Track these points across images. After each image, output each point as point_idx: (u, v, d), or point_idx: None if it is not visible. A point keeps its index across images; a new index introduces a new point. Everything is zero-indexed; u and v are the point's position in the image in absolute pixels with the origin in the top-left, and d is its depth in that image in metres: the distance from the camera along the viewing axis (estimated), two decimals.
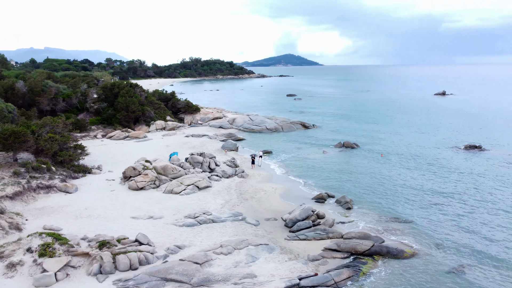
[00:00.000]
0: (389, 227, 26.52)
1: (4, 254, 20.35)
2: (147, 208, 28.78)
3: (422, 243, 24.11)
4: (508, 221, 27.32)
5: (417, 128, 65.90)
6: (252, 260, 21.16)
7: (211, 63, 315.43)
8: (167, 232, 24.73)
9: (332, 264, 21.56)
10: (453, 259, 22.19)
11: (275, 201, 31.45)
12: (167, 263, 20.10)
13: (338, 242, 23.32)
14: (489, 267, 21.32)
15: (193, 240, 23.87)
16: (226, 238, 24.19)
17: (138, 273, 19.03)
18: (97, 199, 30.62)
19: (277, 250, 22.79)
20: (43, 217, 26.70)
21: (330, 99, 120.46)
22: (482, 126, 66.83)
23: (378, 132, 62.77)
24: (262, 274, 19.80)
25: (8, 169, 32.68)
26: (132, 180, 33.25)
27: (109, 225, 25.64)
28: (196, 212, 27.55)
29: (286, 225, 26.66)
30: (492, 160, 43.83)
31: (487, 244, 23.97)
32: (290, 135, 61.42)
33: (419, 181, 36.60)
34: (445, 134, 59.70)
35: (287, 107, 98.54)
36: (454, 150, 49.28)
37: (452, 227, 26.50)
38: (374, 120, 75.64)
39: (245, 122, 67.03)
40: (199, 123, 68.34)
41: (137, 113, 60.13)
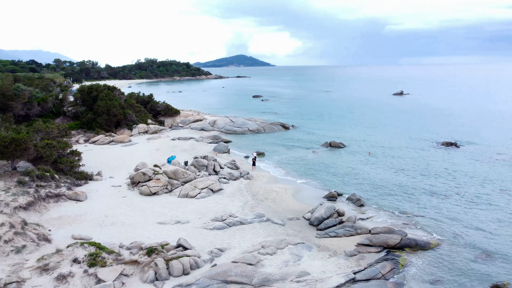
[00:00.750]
0: (405, 221, 28.27)
1: (49, 266, 19.74)
2: (170, 213, 28.64)
3: (441, 235, 26.01)
4: (508, 210, 30.01)
5: (391, 127, 69.34)
6: (298, 259, 21.93)
7: (167, 64, 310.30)
8: (201, 236, 24.89)
9: (369, 258, 22.81)
10: (474, 248, 24.20)
11: (290, 201, 32.34)
12: (222, 265, 20.39)
13: (369, 237, 24.63)
14: (506, 253, 23.51)
15: (230, 242, 24.24)
16: (260, 239, 24.76)
17: (199, 277, 19.21)
18: (113, 206, 30.00)
19: (314, 248, 23.70)
20: (66, 227, 25.90)
21: (297, 100, 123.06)
22: (447, 123, 71.50)
23: (356, 131, 65.37)
24: (313, 271, 20.65)
25: (10, 178, 31.14)
26: (144, 185, 32.80)
27: (139, 231, 25.37)
28: (222, 215, 27.84)
29: (311, 224, 27.65)
30: (470, 155, 47.36)
31: (498, 232, 26.28)
32: (273, 136, 62.52)
33: (414, 177, 38.95)
34: (418, 132, 63.35)
35: (259, 108, 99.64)
36: (433, 147, 52.63)
37: (460, 218, 28.69)
38: (348, 120, 78.55)
39: (226, 124, 67.29)
40: (180, 125, 67.71)
41: (119, 117, 58.65)
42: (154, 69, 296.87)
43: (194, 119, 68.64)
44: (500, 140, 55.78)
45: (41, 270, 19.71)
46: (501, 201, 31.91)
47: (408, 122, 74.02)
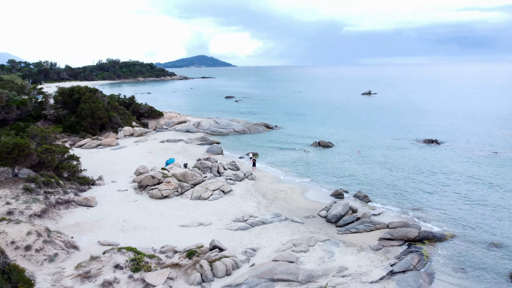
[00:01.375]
0: (415, 215, 29.79)
1: (91, 273, 19.44)
2: (188, 216, 28.65)
3: (451, 226, 27.69)
4: (501, 198, 32.26)
5: (371, 126, 71.81)
6: (331, 255, 22.75)
7: (130, 64, 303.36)
8: (229, 237, 25.16)
9: (394, 251, 24.01)
10: (484, 238, 25.97)
11: (300, 200, 33.14)
12: (264, 264, 20.82)
13: (389, 232, 25.85)
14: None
15: (259, 242, 24.69)
16: (287, 237, 25.38)
17: (246, 277, 19.56)
18: (127, 210, 29.59)
19: (341, 244, 24.61)
20: (87, 233, 25.38)
21: (270, 100, 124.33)
22: (421, 122, 74.98)
23: (339, 131, 67.21)
24: (350, 266, 21.52)
25: (14, 185, 29.97)
26: (154, 188, 32.52)
27: (164, 235, 25.30)
28: (243, 216, 28.21)
29: (329, 221, 28.57)
30: (453, 152, 50.14)
31: (499, 223, 28.29)
32: (260, 137, 63.18)
33: (408, 174, 40.85)
34: (397, 131, 66.05)
35: (236, 109, 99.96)
36: (416, 144, 55.21)
37: (463, 211, 30.58)
38: (328, 120, 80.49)
39: (211, 126, 67.25)
40: (164, 128, 66.94)
41: (104, 120, 57.29)
42: (117, 70, 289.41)
43: (178, 121, 68.05)
44: (475, 137, 59.27)
45: (82, 278, 19.36)
46: (494, 194, 34.21)
47: (385, 121, 76.91)
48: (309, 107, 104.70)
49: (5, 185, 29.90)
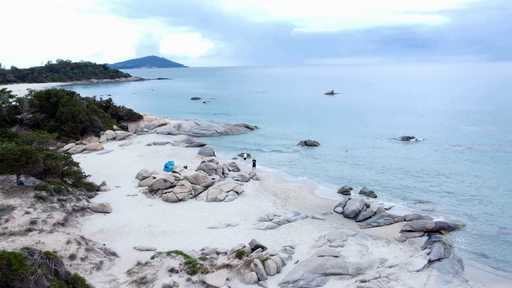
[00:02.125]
0: (423, 208, 31.79)
1: (147, 279, 19.31)
2: (212, 218, 28.80)
3: (459, 216, 29.85)
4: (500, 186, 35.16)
5: (346, 125, 74.47)
6: (366, 248, 23.94)
7: (82, 65, 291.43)
8: (261, 236, 25.68)
9: (418, 242, 25.67)
10: (492, 225, 28.34)
11: (311, 198, 34.22)
12: (311, 260, 21.59)
13: (409, 224, 27.52)
14: None
15: (292, 239, 25.44)
16: (316, 233, 26.32)
17: (302, 273, 20.27)
18: (147, 215, 29.23)
19: (369, 238, 25.90)
20: (117, 240, 24.95)
21: (238, 101, 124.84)
22: (391, 119, 78.83)
23: (318, 130, 69.05)
24: (388, 257, 22.83)
25: (24, 194, 28.68)
26: (169, 192, 32.27)
27: (197, 238, 25.40)
28: (267, 215, 28.80)
29: (347, 216, 29.87)
30: (432, 147, 53.44)
31: (498, 210, 30.89)
32: (243, 138, 63.72)
33: (400, 169, 43.13)
34: (372, 129, 69.03)
35: (207, 111, 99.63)
36: (396, 141, 58.17)
37: (463, 201, 33.01)
38: (301, 119, 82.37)
39: (192, 127, 66.85)
40: (145, 130, 65.63)
41: (86, 124, 55.35)
42: (68, 71, 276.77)
43: (159, 124, 66.98)
44: (446, 133, 63.37)
45: (138, 284, 19.19)
46: (484, 185, 37.12)
47: (358, 120, 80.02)
48: (279, 107, 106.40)
49: (13, 194, 28.51)
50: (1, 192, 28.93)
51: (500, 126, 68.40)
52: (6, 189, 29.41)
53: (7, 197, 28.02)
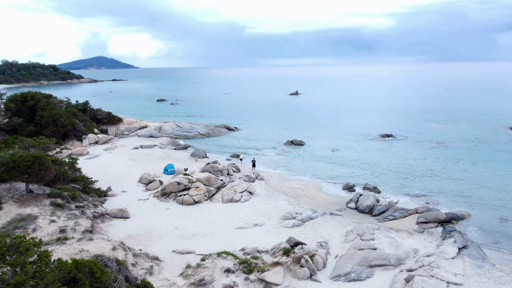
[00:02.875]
0: (426, 201, 33.87)
1: (205, 280, 19.48)
2: (236, 219, 29.12)
3: (462, 207, 32.16)
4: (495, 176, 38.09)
5: (322, 124, 76.68)
6: (395, 240, 25.36)
7: (30, 66, 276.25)
8: (291, 234, 26.34)
9: (435, 232, 27.49)
10: (493, 213, 30.81)
11: (321, 195, 35.38)
12: (353, 254, 22.63)
13: (424, 216, 29.36)
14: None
15: (322, 235, 26.40)
16: (341, 229, 27.45)
17: (351, 266, 21.22)
18: (168, 218, 29.05)
19: (392, 230, 27.36)
20: (151, 244, 24.75)
21: (206, 102, 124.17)
22: (362, 118, 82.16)
23: (296, 130, 70.36)
24: (418, 247, 24.38)
25: (39, 202, 27.53)
26: (184, 194, 32.13)
27: (230, 238, 25.74)
28: (290, 213, 29.53)
29: (362, 211, 31.27)
30: (412, 143, 56.53)
31: (492, 198, 33.61)
32: (227, 138, 64.00)
33: (389, 165, 45.36)
34: (348, 127, 71.57)
35: (178, 112, 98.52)
36: (376, 139, 60.88)
37: (459, 191, 35.51)
38: (276, 119, 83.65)
39: (174, 130, 66.09)
40: (126, 133, 64.01)
41: (68, 128, 53.23)
42: (14, 72, 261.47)
43: (140, 126, 65.56)
44: (418, 131, 67.10)
45: (197, 286, 19.29)
46: (472, 177, 40.06)
47: (332, 119, 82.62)
48: (250, 108, 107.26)
49: (27, 203, 27.26)
50: (12, 201, 27.58)
51: (458, 123, 73.33)
52: (17, 198, 28.05)
53: (21, 206, 26.78)
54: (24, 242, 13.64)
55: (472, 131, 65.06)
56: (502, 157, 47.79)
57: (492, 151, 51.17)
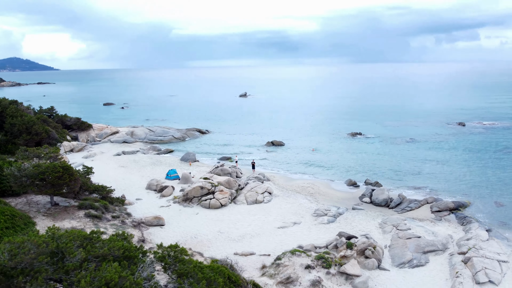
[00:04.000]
0: (427, 191, 37.25)
1: (292, 278, 20.31)
2: (269, 219, 29.95)
3: (461, 195, 35.85)
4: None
5: (287, 123, 79.01)
6: (427, 228, 27.89)
7: None
8: (330, 229, 27.92)
9: (451, 219, 30.60)
10: (487, 199, 34.84)
11: (333, 192, 37.38)
12: (404, 242, 24.63)
13: (436, 205, 32.46)
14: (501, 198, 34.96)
15: (359, 228, 28.22)
16: (372, 222, 29.54)
17: (410, 254, 23.18)
18: (204, 223, 29.16)
19: (416, 220, 29.97)
20: (206, 249, 24.99)
21: (157, 105, 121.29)
22: (321, 117, 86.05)
23: (265, 130, 71.72)
24: (450, 234, 27.11)
25: (73, 214, 26.22)
26: (210, 199, 32.21)
27: (278, 238, 26.67)
28: (320, 211, 30.94)
29: (378, 205, 33.77)
30: (383, 140, 60.74)
31: (480, 185, 37.90)
32: (203, 141, 63.95)
33: (376, 160, 48.72)
34: (313, 127, 74.66)
35: (137, 116, 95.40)
36: (347, 137, 64.44)
37: (450, 181, 39.46)
38: (241, 121, 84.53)
39: (147, 134, 64.46)
40: (97, 140, 61.08)
41: (42, 135, 49.78)
42: None
43: (111, 132, 62.90)
44: (383, 129, 72.06)
45: (284, 283, 20.02)
46: (454, 168, 44.50)
47: (294, 119, 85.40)
48: (205, 109, 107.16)
49: (61, 216, 25.83)
50: (42, 215, 25.96)
51: (412, 121, 79.92)
52: (45, 212, 26.41)
53: (55, 220, 25.29)
54: (181, 252, 13.64)
55: (429, 127, 71.39)
56: (470, 148, 53.35)
57: (456, 143, 56.96)
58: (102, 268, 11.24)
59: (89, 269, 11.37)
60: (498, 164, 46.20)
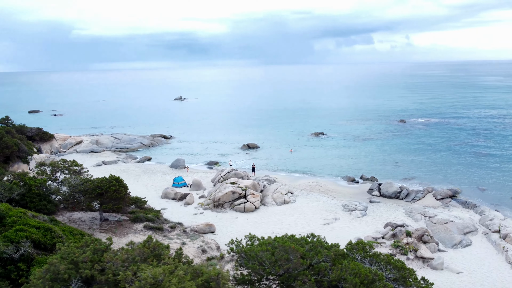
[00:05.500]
0: (420, 183, 41.80)
1: None
2: (308, 217, 31.85)
3: (448, 184, 40.92)
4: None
5: (248, 126, 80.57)
6: (447, 213, 31.82)
7: None
8: (368, 222, 30.57)
9: (455, 204, 35.19)
10: (472, 186, 40.32)
11: (341, 188, 40.17)
12: (444, 226, 28.06)
13: (439, 193, 36.90)
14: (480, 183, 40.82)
15: (390, 218, 31.17)
16: (396, 212, 32.84)
17: (459, 236, 26.63)
18: (252, 227, 29.71)
19: (430, 208, 33.91)
20: None
21: (94, 112, 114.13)
22: (279, 119, 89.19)
23: (226, 133, 72.75)
24: (471, 217, 31.30)
25: (127, 229, 25.39)
26: (244, 202, 32.86)
27: (332, 233, 28.44)
28: (350, 206, 33.35)
29: (388, 197, 37.28)
30: (341, 138, 65.34)
31: (457, 173, 43.61)
32: (173, 147, 63.09)
33: (354, 157, 52.81)
34: (275, 128, 77.32)
35: (79, 124, 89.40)
36: (311, 137, 68.07)
37: (428, 171, 44.62)
38: (196, 125, 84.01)
39: (113, 143, 61.53)
40: (62, 150, 56.71)
41: (13, 149, 45.30)
42: None
43: (76, 142, 58.75)
44: (339, 128, 77.17)
45: None
46: (423, 159, 50.14)
47: (249, 122, 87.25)
48: (148, 114, 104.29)
49: (121, 231, 24.92)
50: (98, 231, 24.67)
51: (360, 120, 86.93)
52: (98, 228, 25.08)
53: (118, 235, 24.36)
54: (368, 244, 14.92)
55: (378, 125, 78.43)
56: (423, 142, 60.13)
57: (410, 138, 63.81)
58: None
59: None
60: (460, 154, 53.10)
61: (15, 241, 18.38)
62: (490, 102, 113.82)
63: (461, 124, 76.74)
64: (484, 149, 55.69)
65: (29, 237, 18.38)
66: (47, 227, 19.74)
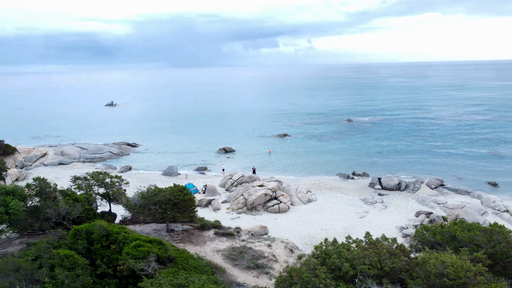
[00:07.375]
0: (410, 175, 46.36)
1: None
2: (339, 212, 34.08)
3: (428, 175, 46.08)
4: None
5: (207, 130, 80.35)
6: (455, 199, 36.25)
7: None
8: (390, 213, 33.71)
9: (448, 192, 40.07)
10: (451, 176, 45.91)
11: (343, 184, 43.06)
12: (464, 208, 32.16)
13: (432, 182, 41.55)
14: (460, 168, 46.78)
15: (408, 207, 34.69)
16: (407, 202, 36.51)
17: (482, 218, 30.77)
18: (297, 225, 31.38)
19: (432, 196, 38.24)
20: None
21: (22, 121, 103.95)
22: (241, 122, 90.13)
23: (192, 138, 72.18)
24: (471, 202, 36.04)
25: (200, 237, 25.42)
26: (278, 203, 33.92)
27: (369, 225, 31.06)
28: (368, 200, 36.18)
29: (390, 189, 40.91)
30: (308, 138, 68.81)
31: (435, 163, 49.25)
32: (146, 155, 61.13)
33: (331, 155, 56.33)
34: (241, 131, 78.34)
35: (14, 135, 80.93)
36: (278, 138, 70.47)
37: (409, 162, 49.71)
38: (153, 131, 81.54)
39: (81, 153, 57.59)
40: (28, 164, 51.58)
41: None
42: None
43: (42, 154, 53.73)
44: (304, 129, 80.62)
45: None
46: (400, 154, 55.43)
47: (207, 126, 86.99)
48: (88, 121, 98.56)
49: (197, 240, 24.69)
50: (173, 241, 24.27)
51: (311, 119, 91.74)
52: (173, 239, 24.58)
53: (197, 245, 24.19)
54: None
55: (329, 125, 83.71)
56: (381, 137, 66.01)
57: (365, 135, 69.47)
58: None
59: None
60: (422, 148, 59.50)
61: (138, 257, 17.92)
62: (413, 102, 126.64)
63: (403, 122, 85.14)
64: (436, 143, 63.06)
65: (153, 253, 18.04)
66: (158, 240, 19.32)
